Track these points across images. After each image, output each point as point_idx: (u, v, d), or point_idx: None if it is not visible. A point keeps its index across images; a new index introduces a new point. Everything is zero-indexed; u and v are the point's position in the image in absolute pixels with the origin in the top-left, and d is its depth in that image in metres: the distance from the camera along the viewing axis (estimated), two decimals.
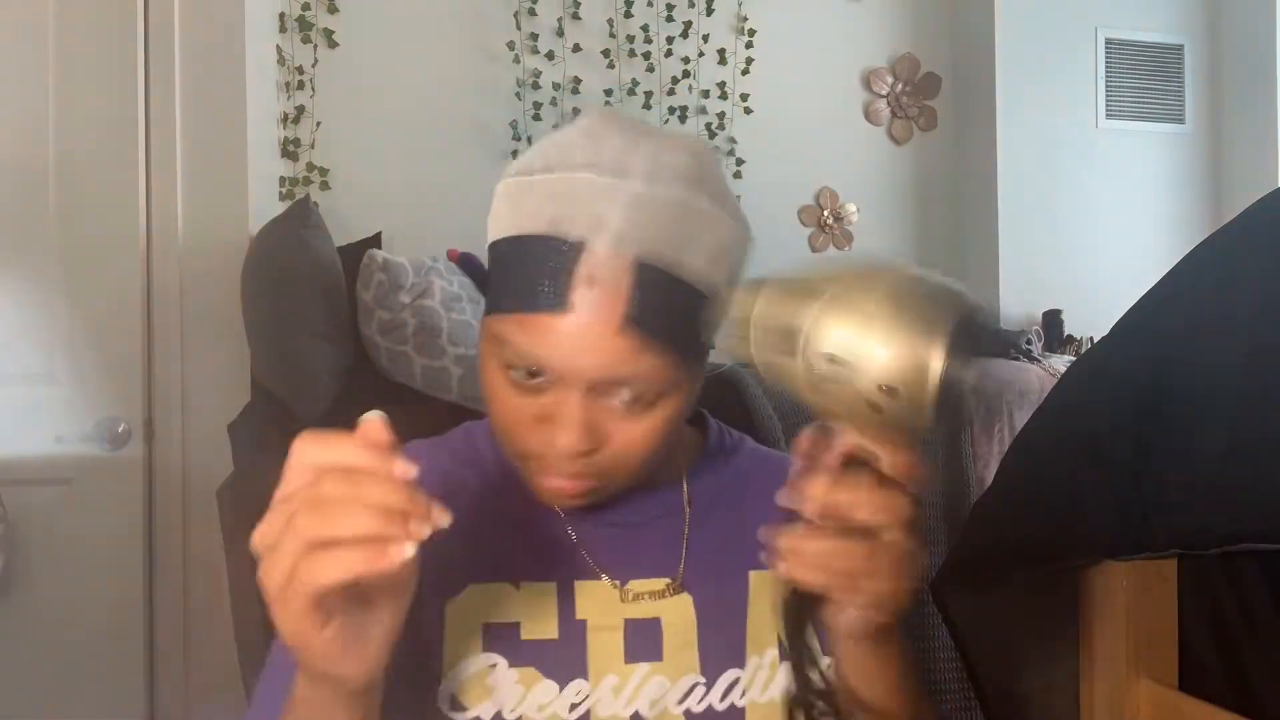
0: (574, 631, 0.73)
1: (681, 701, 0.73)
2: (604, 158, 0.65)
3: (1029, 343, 2.88)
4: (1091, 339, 2.95)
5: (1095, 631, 0.98)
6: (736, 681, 0.75)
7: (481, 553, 0.75)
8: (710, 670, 0.74)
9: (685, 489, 0.81)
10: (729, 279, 0.69)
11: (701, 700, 0.74)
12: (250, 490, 1.93)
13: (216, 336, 2.13)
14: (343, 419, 0.58)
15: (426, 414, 1.95)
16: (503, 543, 0.76)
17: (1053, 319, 3.07)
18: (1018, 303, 3.16)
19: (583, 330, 0.63)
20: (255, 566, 0.53)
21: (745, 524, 0.79)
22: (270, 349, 2.00)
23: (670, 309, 0.64)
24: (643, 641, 0.74)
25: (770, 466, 0.86)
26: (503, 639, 0.73)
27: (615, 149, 0.66)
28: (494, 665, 0.72)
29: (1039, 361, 2.45)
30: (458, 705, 0.71)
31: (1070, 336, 3.02)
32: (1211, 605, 1.00)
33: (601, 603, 0.75)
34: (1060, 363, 2.45)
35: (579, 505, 0.72)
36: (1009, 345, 2.45)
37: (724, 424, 0.89)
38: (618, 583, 0.75)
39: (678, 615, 0.75)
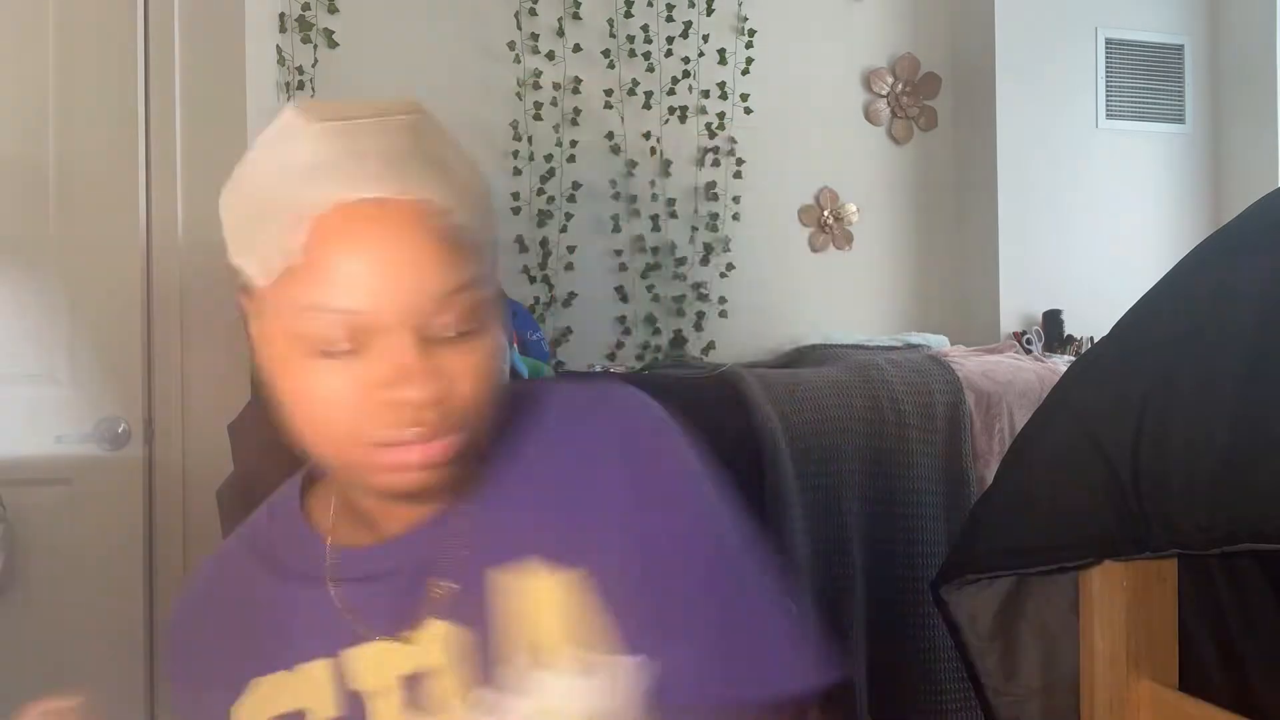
0: (354, 704, 0.69)
1: None
2: (328, 114, 0.64)
3: (1029, 343, 2.88)
4: (1091, 339, 2.95)
5: (1095, 631, 0.98)
6: None
7: (257, 645, 0.72)
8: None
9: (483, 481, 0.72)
10: (488, 190, 0.69)
11: None
12: (250, 490, 1.93)
13: (216, 336, 2.13)
14: None
15: None
16: (275, 628, 0.72)
17: (1053, 319, 3.07)
18: (1018, 303, 3.16)
19: (389, 259, 0.60)
20: None
21: (525, 520, 0.70)
22: None
23: (451, 229, 0.63)
24: (418, 696, 0.68)
25: (564, 427, 0.74)
26: None
27: (330, 108, 0.65)
28: None
29: (1039, 361, 2.45)
30: None
31: (1070, 336, 3.02)
32: (1211, 605, 1.00)
33: (372, 666, 0.69)
34: (1060, 363, 2.45)
35: (435, 480, 0.64)
36: None
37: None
38: (386, 638, 0.69)
39: (447, 655, 0.68)
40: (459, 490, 0.70)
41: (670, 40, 2.91)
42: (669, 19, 2.91)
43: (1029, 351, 2.72)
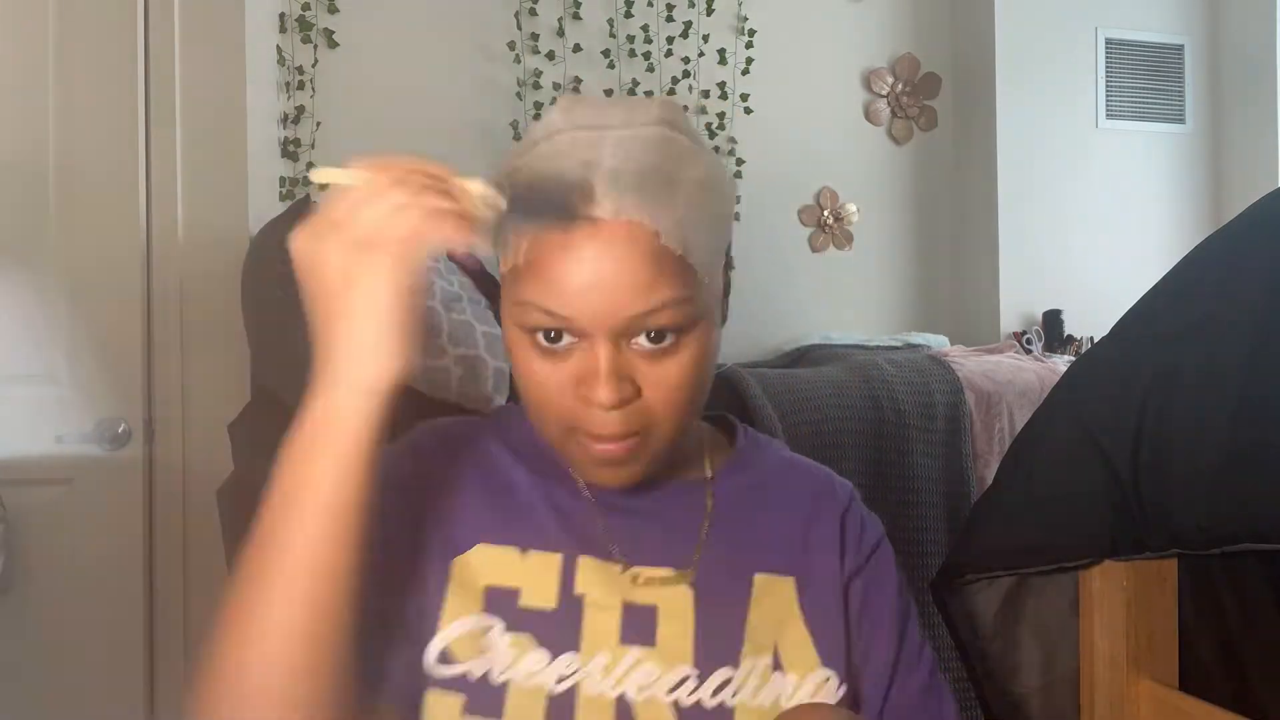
0: (571, 605, 0.73)
1: (671, 692, 0.73)
2: (582, 120, 0.71)
3: (1029, 342, 2.88)
4: (1091, 339, 2.95)
5: (1095, 631, 0.98)
6: (729, 681, 0.74)
7: (495, 515, 0.76)
8: (704, 665, 0.74)
9: (710, 487, 0.82)
10: (721, 211, 0.73)
11: (692, 694, 0.73)
12: (250, 490, 1.93)
13: (216, 336, 2.13)
14: None
15: (426, 414, 1.95)
16: (518, 508, 0.77)
17: (1053, 319, 3.07)
18: (1018, 303, 3.16)
19: (593, 273, 0.66)
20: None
21: (761, 527, 0.81)
22: (270, 349, 2.00)
23: (661, 251, 0.68)
24: (638, 626, 0.74)
25: (796, 473, 0.87)
26: (502, 602, 0.73)
27: (590, 111, 0.71)
28: (490, 627, 0.72)
29: (1039, 361, 2.45)
30: (448, 658, 0.71)
31: (1070, 336, 3.02)
32: (1211, 605, 1.00)
33: (603, 581, 0.75)
34: (1060, 363, 2.45)
35: (628, 477, 0.73)
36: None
37: (752, 428, 0.90)
38: (624, 565, 0.76)
39: (677, 606, 0.75)
40: (684, 473, 0.81)
41: (670, 40, 2.91)
42: (669, 19, 2.91)
43: (1029, 351, 2.72)
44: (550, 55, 2.80)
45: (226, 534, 2.02)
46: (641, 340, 0.69)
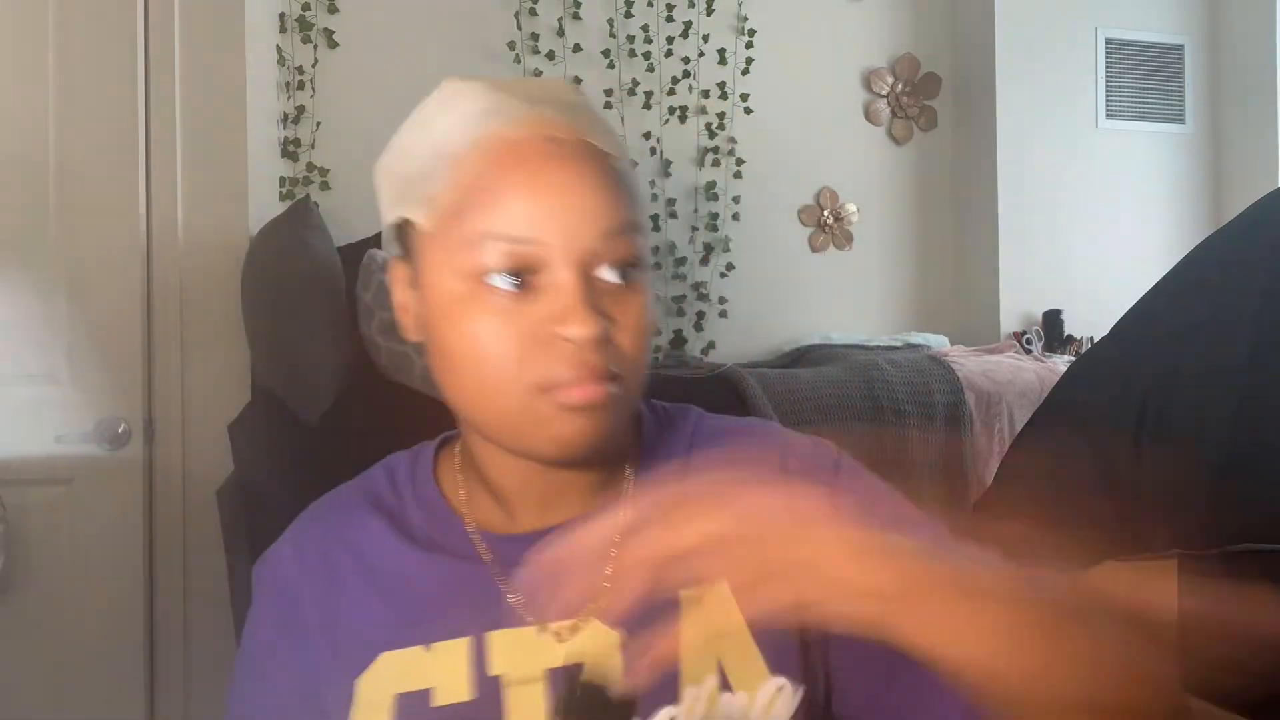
0: (489, 690, 0.66)
1: None
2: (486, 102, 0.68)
3: (1029, 342, 2.88)
4: (1091, 339, 2.96)
5: None
6: None
7: (391, 618, 0.69)
8: (642, 713, 0.64)
9: (627, 497, 0.70)
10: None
11: None
12: (250, 490, 1.93)
13: (216, 336, 2.13)
14: (342, 419, 0.59)
15: (426, 414, 1.96)
16: (413, 602, 0.69)
17: (1053, 319, 3.07)
18: (1018, 303, 3.16)
19: (559, 191, 0.62)
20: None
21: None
22: (270, 349, 2.00)
23: (616, 173, 0.66)
24: (561, 692, 0.65)
25: (708, 445, 0.76)
26: (414, 709, 0.66)
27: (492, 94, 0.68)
28: None
29: (1039, 361, 2.45)
30: None
31: (1070, 336, 3.02)
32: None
33: (520, 652, 0.66)
34: (1060, 363, 2.45)
35: (594, 433, 0.64)
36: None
37: (663, 403, 0.79)
38: (540, 625, 0.67)
39: (602, 651, 0.66)
40: (605, 488, 0.71)
41: (670, 40, 2.91)
42: (669, 19, 2.91)
43: (1029, 351, 2.72)
44: (550, 55, 2.80)
45: (226, 534, 2.02)
46: (606, 272, 0.63)
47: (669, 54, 2.92)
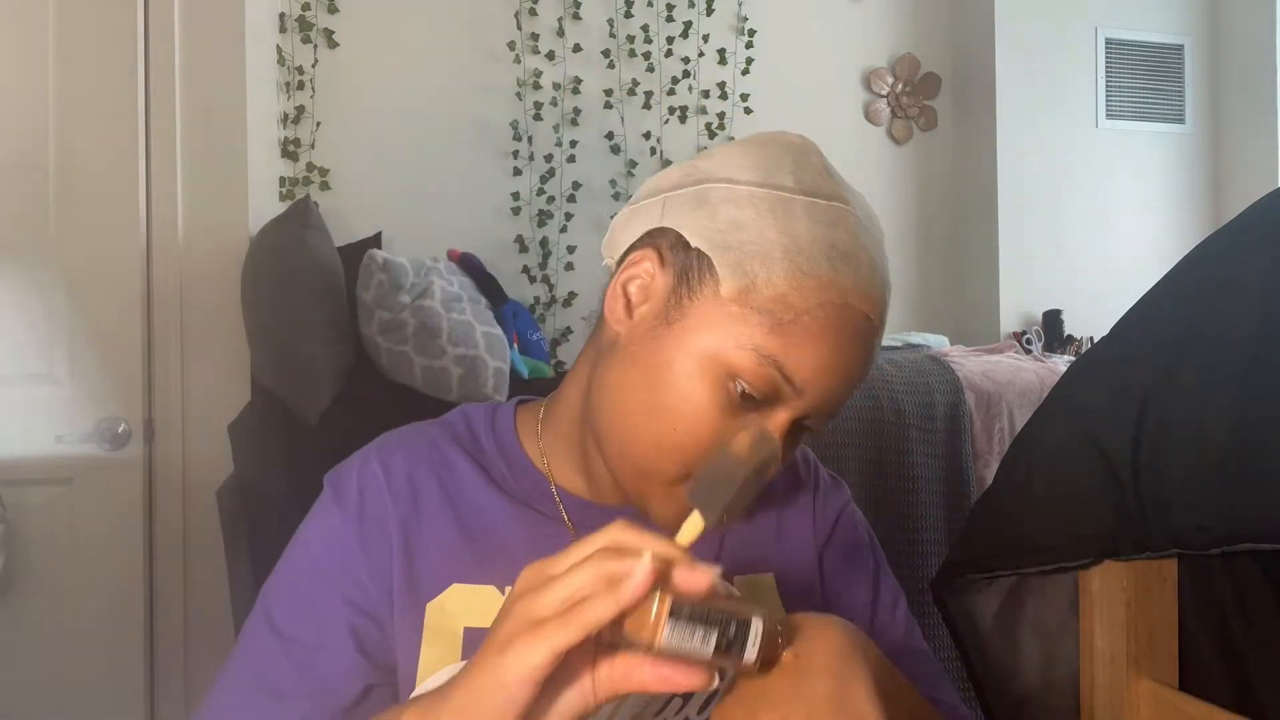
0: None
1: (659, 714, 0.71)
2: (827, 187, 0.69)
3: (1029, 342, 2.88)
4: (1091, 339, 2.96)
5: (1095, 631, 0.98)
6: (716, 694, 0.70)
7: (469, 552, 0.72)
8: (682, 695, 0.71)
9: None
10: None
11: (679, 712, 0.71)
12: (250, 490, 1.93)
13: (216, 336, 2.13)
14: (342, 419, 0.59)
15: (426, 414, 1.95)
16: (493, 541, 0.72)
17: (1053, 319, 3.07)
18: (1018, 303, 3.16)
19: (846, 366, 0.65)
20: (255, 567, 0.53)
21: (733, 526, 0.79)
22: (270, 349, 2.00)
23: (872, 358, 0.69)
24: None
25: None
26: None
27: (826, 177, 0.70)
28: None
29: (1039, 361, 2.45)
30: None
31: (1070, 336, 3.02)
32: (1211, 605, 1.00)
33: None
34: (1060, 363, 2.45)
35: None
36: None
37: None
38: None
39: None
40: None
41: (670, 40, 2.91)
42: (669, 19, 2.91)
43: (1029, 351, 2.72)
44: (550, 55, 2.79)
45: (226, 534, 2.02)
46: (811, 428, 0.68)
47: (669, 54, 2.92)
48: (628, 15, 2.86)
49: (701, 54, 2.94)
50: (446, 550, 0.71)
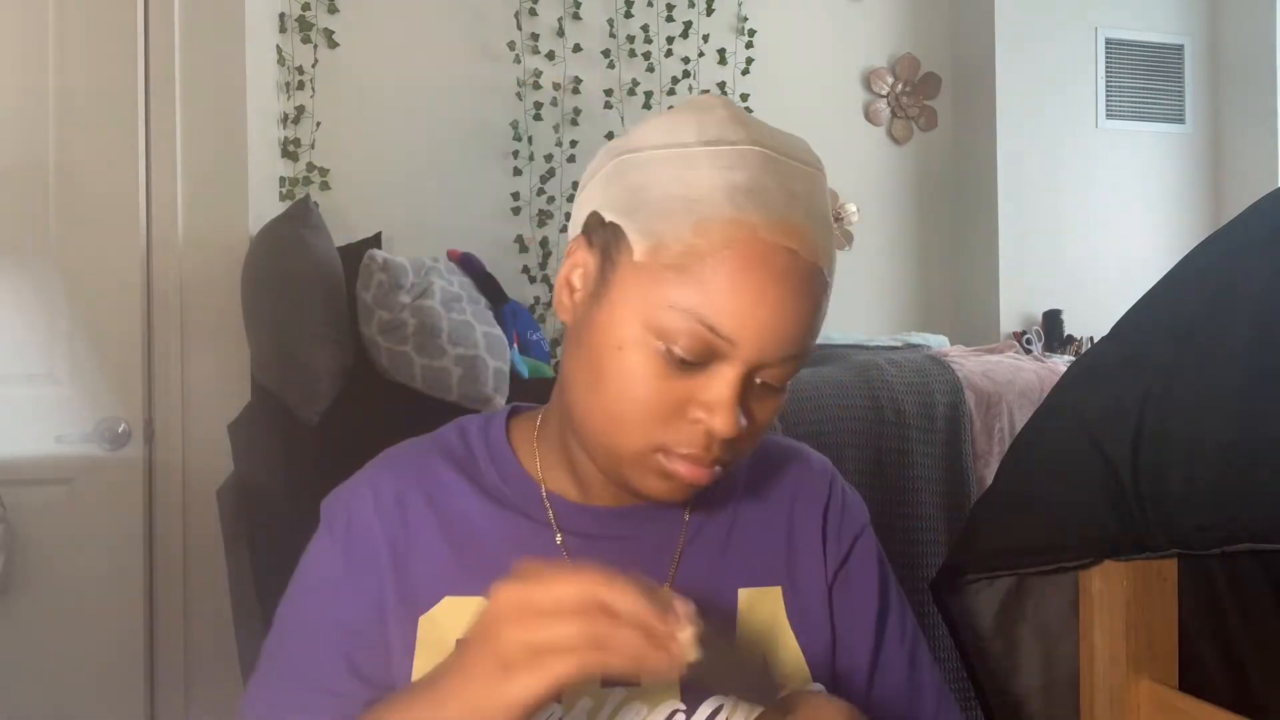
0: None
1: None
2: (759, 134, 0.67)
3: (1029, 342, 2.88)
4: (1091, 339, 2.96)
5: (1095, 631, 0.98)
6: (719, 710, 0.70)
7: (462, 563, 0.72)
8: (691, 698, 0.70)
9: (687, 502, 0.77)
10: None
11: None
12: (250, 490, 1.93)
13: (216, 336, 2.13)
14: (342, 419, 0.59)
15: (426, 414, 1.95)
16: (484, 554, 0.73)
17: (1053, 319, 3.07)
18: (1018, 303, 3.16)
19: (774, 304, 0.63)
20: (255, 567, 0.54)
21: (740, 536, 0.78)
22: (270, 349, 2.00)
23: (821, 300, 0.67)
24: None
25: (769, 464, 0.82)
26: None
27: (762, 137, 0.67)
28: None
29: (1039, 361, 2.45)
30: None
31: (1070, 336, 3.02)
32: (1211, 605, 1.00)
33: None
34: (1060, 363, 2.45)
35: (683, 496, 0.69)
36: None
37: None
38: None
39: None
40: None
41: (670, 40, 2.91)
42: (669, 19, 2.91)
43: (1029, 351, 2.72)
44: (550, 55, 2.80)
45: (226, 534, 2.02)
46: (770, 380, 0.66)
47: (669, 54, 2.92)
48: (628, 15, 2.86)
49: (701, 54, 2.94)
50: (437, 565, 0.72)
